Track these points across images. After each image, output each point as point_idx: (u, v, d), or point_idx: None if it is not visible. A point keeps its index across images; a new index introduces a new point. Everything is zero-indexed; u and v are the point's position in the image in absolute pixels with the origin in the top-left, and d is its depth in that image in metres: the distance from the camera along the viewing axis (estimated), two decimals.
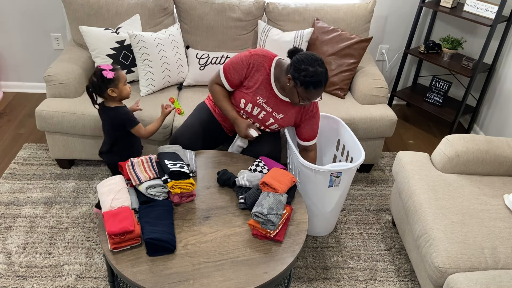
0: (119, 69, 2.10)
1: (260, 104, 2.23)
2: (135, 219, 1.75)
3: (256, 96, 2.21)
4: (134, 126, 2.16)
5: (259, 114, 2.27)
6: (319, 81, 1.98)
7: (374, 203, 2.76)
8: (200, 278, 1.62)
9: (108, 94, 2.09)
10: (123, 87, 2.11)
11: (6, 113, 3.36)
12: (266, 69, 2.17)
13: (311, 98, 2.05)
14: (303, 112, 2.26)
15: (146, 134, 2.20)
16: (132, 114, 2.18)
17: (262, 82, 2.18)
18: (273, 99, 2.22)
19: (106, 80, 2.05)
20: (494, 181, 2.25)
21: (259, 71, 2.17)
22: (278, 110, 2.24)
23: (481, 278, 1.72)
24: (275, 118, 2.27)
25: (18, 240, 2.35)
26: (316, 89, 2.00)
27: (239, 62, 2.18)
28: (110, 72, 2.05)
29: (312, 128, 2.30)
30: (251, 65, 2.16)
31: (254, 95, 2.21)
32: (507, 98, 3.06)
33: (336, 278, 2.26)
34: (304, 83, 1.99)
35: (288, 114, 2.26)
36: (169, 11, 2.94)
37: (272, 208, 1.75)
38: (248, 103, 2.23)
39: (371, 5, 2.97)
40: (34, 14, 3.25)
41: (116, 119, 2.15)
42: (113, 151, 2.26)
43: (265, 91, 2.20)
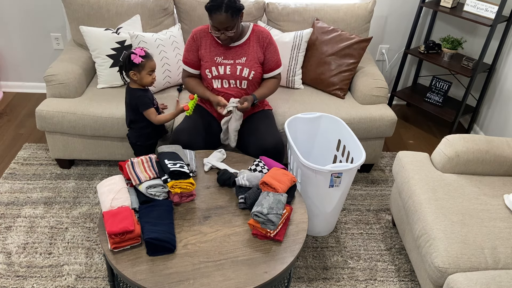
0: (150, 58, 2.20)
1: (220, 62, 2.35)
2: (135, 219, 1.75)
3: (212, 58, 2.34)
4: (146, 109, 2.26)
5: (226, 71, 2.36)
6: (216, 5, 2.12)
7: (374, 203, 2.76)
8: (200, 278, 1.62)
9: (130, 75, 2.20)
10: (146, 75, 2.20)
11: (6, 113, 3.36)
12: (207, 32, 2.36)
13: (215, 25, 2.18)
14: (259, 43, 2.38)
15: (156, 121, 2.29)
16: (149, 98, 2.27)
17: (210, 44, 2.35)
18: (225, 50, 2.35)
19: (132, 63, 2.15)
20: (494, 181, 2.25)
21: (203, 37, 2.36)
22: (236, 56, 2.36)
23: (481, 278, 1.72)
24: (241, 64, 2.36)
25: (18, 240, 2.35)
26: (215, 14, 2.13)
27: (188, 45, 2.39)
28: (138, 58, 2.15)
29: (272, 55, 2.41)
30: (195, 37, 2.36)
31: (211, 59, 2.35)
32: (507, 98, 3.06)
33: (336, 278, 2.26)
34: (207, 9, 2.16)
35: (249, 53, 2.37)
36: (169, 11, 2.95)
37: (272, 207, 1.75)
38: (212, 67, 2.35)
39: (371, 5, 2.97)
40: (34, 14, 3.25)
41: (132, 99, 2.26)
42: (132, 128, 2.39)
43: (216, 49, 2.36)
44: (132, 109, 2.30)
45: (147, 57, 2.17)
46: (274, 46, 2.42)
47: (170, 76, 2.81)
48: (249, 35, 2.37)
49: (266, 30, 2.42)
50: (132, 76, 2.20)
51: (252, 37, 2.37)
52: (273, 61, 2.43)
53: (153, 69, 2.21)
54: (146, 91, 2.28)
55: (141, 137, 2.38)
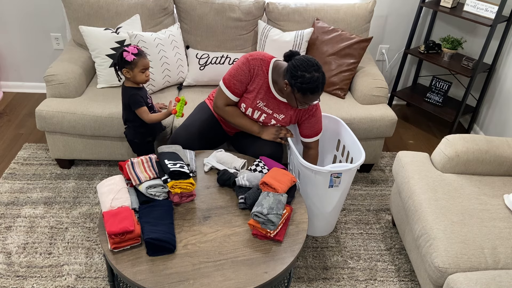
0: (143, 56, 2.18)
1: (260, 107, 2.24)
2: (135, 219, 1.75)
3: (256, 100, 2.22)
4: (138, 108, 2.25)
5: (260, 117, 2.28)
6: (315, 87, 1.99)
7: (374, 203, 2.76)
8: (200, 278, 1.62)
9: (123, 73, 2.19)
10: (138, 73, 2.18)
11: (6, 113, 3.36)
12: (264, 73, 2.18)
13: (308, 102, 2.07)
14: (303, 110, 2.27)
15: (148, 119, 2.28)
16: (141, 97, 2.25)
17: (261, 86, 2.19)
18: (272, 101, 2.23)
19: (124, 60, 2.14)
20: (494, 181, 2.25)
21: (258, 75, 2.18)
22: (279, 111, 2.25)
23: (481, 278, 1.72)
24: (276, 119, 2.28)
25: (18, 240, 2.35)
26: (313, 94, 2.01)
27: (240, 72, 2.18)
28: (131, 56, 2.14)
29: (312, 126, 2.30)
30: (252, 70, 2.17)
31: (254, 99, 2.22)
32: (507, 98, 3.06)
33: (336, 278, 2.26)
34: (301, 90, 2.00)
35: (288, 114, 2.27)
36: (169, 11, 2.94)
37: (272, 208, 1.75)
38: (249, 108, 2.25)
39: (371, 5, 2.97)
40: (34, 14, 3.25)
41: (125, 97, 2.26)
42: (128, 126, 2.39)
43: (264, 94, 2.21)
44: (126, 107, 2.30)
45: (139, 55, 2.16)
46: (317, 118, 2.28)
47: (169, 75, 2.81)
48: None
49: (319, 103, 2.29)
50: (125, 74, 2.19)
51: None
52: (312, 130, 2.30)
53: (146, 67, 2.19)
54: (140, 89, 2.28)
55: (137, 135, 2.38)
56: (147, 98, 2.31)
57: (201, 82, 2.92)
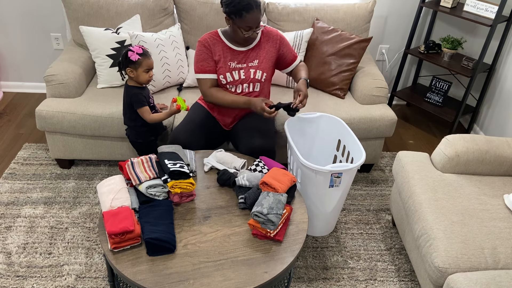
0: (148, 56, 2.19)
1: (234, 67, 2.31)
2: (135, 219, 1.75)
3: (226, 64, 2.30)
4: (140, 107, 2.26)
5: (240, 76, 2.34)
6: (248, 4, 2.05)
7: (374, 203, 2.76)
8: (200, 278, 1.62)
9: (127, 72, 2.20)
10: (142, 73, 2.20)
11: (6, 113, 3.36)
12: (218, 39, 2.30)
13: (249, 24, 2.12)
14: (270, 42, 2.35)
15: (149, 119, 2.29)
16: (144, 96, 2.26)
17: (222, 50, 2.30)
18: (239, 55, 2.31)
19: (129, 60, 2.15)
20: (494, 181, 2.25)
21: (215, 44, 2.29)
22: (250, 59, 2.33)
23: (481, 278, 1.72)
24: (254, 67, 2.34)
25: (18, 240, 2.35)
26: (249, 13, 2.07)
27: (199, 53, 2.30)
28: (135, 55, 2.15)
29: (288, 49, 2.39)
30: (206, 45, 2.28)
31: (225, 65, 2.31)
32: (507, 98, 3.06)
33: (336, 278, 2.26)
34: (236, 12, 2.08)
35: (261, 55, 2.34)
36: (169, 11, 2.95)
37: (272, 207, 1.75)
38: (226, 73, 2.32)
39: (371, 5, 2.97)
40: (34, 14, 3.25)
41: (127, 96, 2.27)
42: (130, 126, 2.39)
43: (229, 55, 2.30)
44: (128, 107, 2.31)
45: (144, 55, 2.17)
46: (286, 41, 2.41)
47: (170, 76, 2.81)
48: (260, 37, 2.35)
49: (274, 29, 2.40)
50: (129, 73, 2.20)
51: (262, 39, 2.35)
52: (291, 54, 2.42)
53: (150, 67, 2.20)
54: (143, 89, 2.28)
55: (140, 134, 2.39)
56: (149, 97, 2.32)
57: None
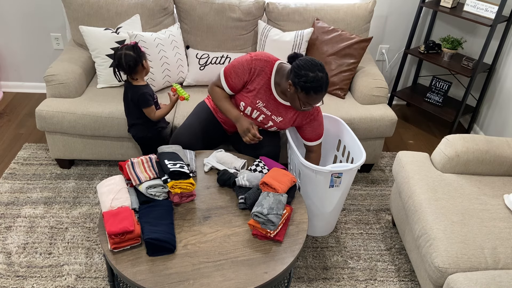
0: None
1: (260, 107, 2.23)
2: (135, 219, 1.75)
3: (255, 99, 2.21)
4: (147, 107, 2.29)
5: (258, 117, 2.28)
6: (319, 86, 1.97)
7: (374, 203, 2.76)
8: (200, 278, 1.62)
9: (143, 66, 2.23)
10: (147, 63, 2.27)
11: (6, 113, 3.36)
12: (267, 74, 2.16)
13: (312, 103, 2.05)
14: (304, 114, 2.26)
15: (155, 117, 2.34)
16: (150, 95, 2.29)
17: (262, 87, 2.18)
18: (273, 102, 2.22)
19: (142, 53, 2.19)
20: (494, 181, 2.25)
21: (260, 75, 2.16)
22: (277, 113, 2.25)
23: (481, 278, 1.72)
24: (274, 121, 2.27)
25: (18, 240, 2.35)
26: (316, 94, 1.99)
27: (241, 67, 2.16)
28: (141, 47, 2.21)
29: (314, 130, 2.30)
30: (253, 70, 2.15)
31: (253, 99, 2.21)
32: (507, 98, 3.06)
33: (336, 278, 2.26)
34: (305, 89, 1.98)
35: (287, 117, 2.26)
36: (169, 11, 2.94)
37: (272, 208, 1.75)
38: (248, 106, 2.24)
39: (371, 5, 2.97)
40: (34, 14, 3.25)
41: (134, 96, 2.29)
42: (137, 124, 2.40)
43: (265, 95, 2.20)
44: (135, 106, 2.32)
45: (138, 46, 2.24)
46: (319, 122, 2.28)
47: (169, 75, 2.81)
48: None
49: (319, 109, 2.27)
50: (145, 66, 2.24)
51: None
52: (314, 134, 2.31)
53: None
54: (147, 87, 2.31)
55: (149, 129, 2.40)
56: (153, 94, 2.35)
57: (201, 82, 2.92)
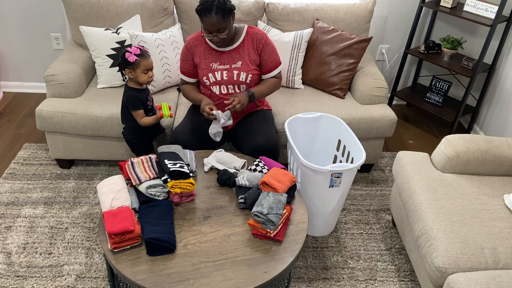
0: (145, 57, 2.19)
1: (216, 67, 2.33)
2: (135, 219, 1.75)
3: (208, 64, 2.32)
4: (134, 110, 2.29)
5: (223, 76, 2.34)
6: (207, 8, 2.09)
7: (374, 203, 2.76)
8: (200, 278, 1.62)
9: (126, 73, 2.21)
10: (140, 74, 2.20)
11: (6, 113, 3.36)
12: (201, 40, 2.33)
13: (206, 27, 2.15)
14: (252, 44, 2.34)
15: (141, 123, 2.32)
16: (139, 99, 2.27)
17: (204, 51, 2.33)
18: (219, 55, 2.33)
19: (126, 61, 2.16)
20: (494, 181, 2.25)
21: (197, 45, 2.33)
22: (232, 61, 2.33)
23: (481, 278, 1.72)
24: (237, 68, 2.34)
25: (18, 240, 2.35)
26: (206, 16, 2.10)
27: (182, 54, 2.37)
28: (133, 56, 2.15)
29: (269, 56, 2.37)
30: (189, 46, 2.34)
31: (207, 65, 2.32)
32: (507, 98, 3.06)
33: (336, 278, 2.26)
34: (198, 13, 2.13)
35: (243, 57, 2.34)
36: (169, 11, 2.95)
37: (272, 207, 1.75)
38: (208, 74, 2.33)
39: (371, 5, 2.97)
40: (34, 14, 3.25)
41: (124, 97, 2.29)
42: (126, 126, 2.41)
43: (211, 55, 2.33)
44: (126, 107, 2.32)
45: (142, 55, 2.16)
46: (271, 46, 2.37)
47: (170, 76, 2.81)
48: (244, 38, 2.34)
49: (261, 31, 2.38)
50: (128, 74, 2.21)
51: (246, 40, 2.34)
52: (271, 62, 2.38)
53: (149, 68, 2.20)
54: (141, 91, 2.28)
55: (133, 135, 2.40)
56: (147, 100, 2.31)
57: None
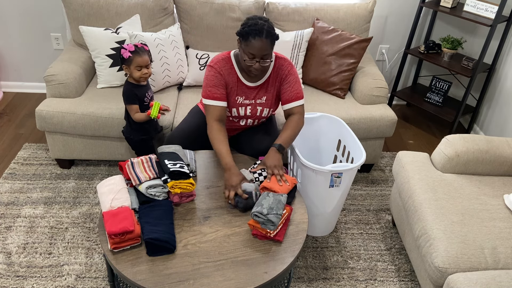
0: (140, 54, 2.19)
1: (241, 102, 2.24)
2: (135, 219, 1.75)
3: (235, 97, 2.21)
4: (128, 104, 2.30)
5: (246, 112, 2.27)
6: (257, 30, 1.94)
7: (374, 203, 2.76)
8: (200, 278, 1.62)
9: (124, 69, 2.25)
10: (134, 70, 2.22)
11: (6, 113, 3.36)
12: (231, 68, 2.16)
13: (252, 51, 1.98)
14: (277, 75, 2.20)
15: (133, 118, 2.32)
16: (135, 94, 2.28)
17: (234, 82, 2.18)
18: (247, 90, 2.21)
19: (122, 57, 2.19)
20: (494, 181, 2.25)
21: (229, 74, 2.16)
22: (257, 96, 2.23)
23: (481, 278, 1.72)
24: (261, 104, 2.26)
25: (18, 240, 2.35)
26: (255, 39, 1.95)
27: (211, 78, 2.13)
28: (127, 53, 2.17)
29: (291, 86, 2.19)
30: (221, 72, 2.13)
31: (233, 98, 2.21)
32: (507, 98, 3.06)
33: (336, 278, 2.26)
34: (244, 34, 1.97)
35: (269, 92, 2.24)
36: (169, 11, 2.95)
37: (272, 208, 1.75)
38: (232, 109, 2.25)
39: (371, 5, 2.97)
40: (34, 14, 3.25)
41: (122, 90, 2.31)
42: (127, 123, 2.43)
43: (238, 88, 2.20)
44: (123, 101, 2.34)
45: (136, 52, 2.18)
46: (294, 76, 2.20)
47: (169, 75, 2.81)
48: (271, 72, 2.20)
49: (287, 61, 2.20)
50: (125, 70, 2.25)
51: (272, 74, 2.20)
52: (291, 91, 2.19)
53: (141, 64, 2.20)
54: (138, 86, 2.29)
55: (132, 131, 2.41)
56: (144, 96, 2.32)
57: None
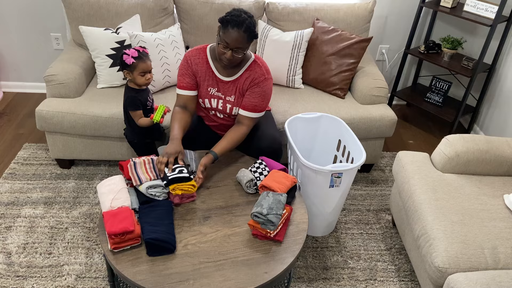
0: (143, 59, 2.17)
1: (213, 94, 2.23)
2: (135, 219, 1.75)
3: (207, 88, 2.23)
4: (132, 110, 2.28)
5: (218, 105, 2.27)
6: (238, 22, 1.94)
7: (374, 203, 2.76)
8: (200, 278, 1.62)
9: (124, 74, 2.22)
10: (138, 76, 2.19)
11: (6, 113, 3.36)
12: (204, 59, 2.18)
13: (227, 39, 1.97)
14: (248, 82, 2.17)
15: (138, 123, 2.31)
16: (139, 100, 2.25)
17: (206, 72, 2.20)
18: (220, 84, 2.21)
19: (124, 63, 2.16)
20: (494, 181, 2.25)
21: (198, 64, 2.19)
22: (228, 92, 2.22)
23: (481, 278, 1.72)
24: (230, 102, 2.24)
25: (18, 240, 2.35)
26: (233, 29, 1.95)
27: (181, 68, 2.21)
28: (130, 59, 2.14)
29: (251, 97, 2.16)
30: (190, 62, 2.18)
31: (205, 89, 2.23)
32: (507, 98, 3.06)
33: (336, 278, 2.26)
34: (224, 22, 1.97)
35: (238, 92, 2.21)
36: (169, 11, 2.95)
37: (272, 208, 1.75)
38: (205, 99, 2.26)
39: (371, 5, 2.97)
40: (34, 14, 3.25)
41: (124, 97, 2.29)
42: (128, 126, 2.41)
43: (211, 80, 2.20)
44: (124, 106, 2.32)
45: (139, 58, 2.14)
46: (262, 90, 2.16)
47: (169, 76, 2.80)
48: (244, 71, 2.17)
49: (265, 71, 2.16)
50: (126, 75, 2.21)
51: (245, 74, 2.16)
52: (251, 102, 2.17)
53: (145, 70, 2.18)
54: (140, 91, 2.27)
55: (135, 135, 2.40)
56: (147, 100, 2.31)
57: None
